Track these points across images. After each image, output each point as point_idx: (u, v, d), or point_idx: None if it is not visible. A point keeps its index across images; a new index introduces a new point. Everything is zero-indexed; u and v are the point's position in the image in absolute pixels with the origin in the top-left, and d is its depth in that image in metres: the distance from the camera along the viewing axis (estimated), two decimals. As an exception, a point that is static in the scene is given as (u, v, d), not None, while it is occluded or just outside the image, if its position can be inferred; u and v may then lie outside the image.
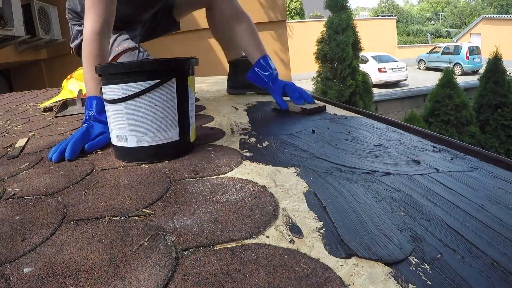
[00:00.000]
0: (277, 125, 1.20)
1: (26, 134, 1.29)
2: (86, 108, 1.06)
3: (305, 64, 11.78)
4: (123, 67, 0.84)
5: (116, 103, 0.83)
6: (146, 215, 0.60)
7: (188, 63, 0.87)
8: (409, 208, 0.59)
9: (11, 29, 3.17)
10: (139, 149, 0.85)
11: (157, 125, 0.84)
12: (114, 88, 0.83)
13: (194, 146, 0.95)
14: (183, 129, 0.89)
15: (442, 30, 27.38)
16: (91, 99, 1.06)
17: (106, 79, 0.86)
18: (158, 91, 0.82)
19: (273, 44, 4.71)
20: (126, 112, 0.83)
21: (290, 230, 0.53)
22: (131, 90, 0.81)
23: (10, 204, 0.68)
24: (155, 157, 0.86)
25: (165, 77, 0.82)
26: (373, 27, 17.57)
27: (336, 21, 6.52)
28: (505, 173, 0.74)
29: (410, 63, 16.82)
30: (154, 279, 0.44)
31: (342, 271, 0.44)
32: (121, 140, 0.86)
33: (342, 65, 6.48)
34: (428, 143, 0.96)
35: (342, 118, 1.23)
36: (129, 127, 0.84)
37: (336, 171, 0.75)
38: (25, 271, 0.47)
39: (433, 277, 0.42)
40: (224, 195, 0.65)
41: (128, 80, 0.81)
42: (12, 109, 2.01)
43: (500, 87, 6.20)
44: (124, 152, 0.88)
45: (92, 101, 1.06)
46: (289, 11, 19.84)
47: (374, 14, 31.22)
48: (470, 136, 5.99)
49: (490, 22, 17.57)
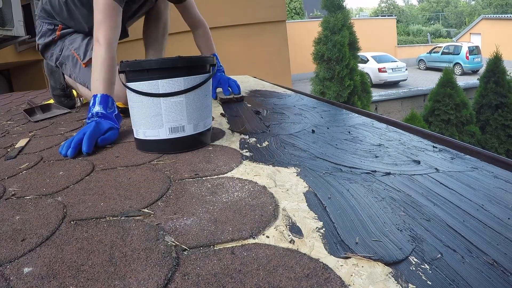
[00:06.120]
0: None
1: (26, 135, 1.29)
2: (91, 106, 1.09)
3: (305, 64, 11.79)
4: (186, 61, 0.92)
5: (175, 96, 0.90)
6: (146, 215, 0.60)
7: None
8: (409, 208, 0.59)
9: (11, 29, 3.17)
10: (195, 135, 0.95)
11: (207, 112, 0.98)
12: (174, 82, 0.90)
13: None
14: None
15: (442, 30, 27.38)
16: (100, 97, 1.09)
17: (160, 75, 0.89)
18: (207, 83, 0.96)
19: (273, 44, 4.70)
20: (186, 103, 0.92)
21: (290, 230, 0.53)
22: (192, 83, 0.91)
23: (10, 204, 0.68)
24: (200, 143, 0.97)
25: (212, 69, 0.99)
26: (373, 27, 17.56)
27: (332, 21, 6.51)
28: (505, 173, 0.75)
29: (410, 63, 16.81)
30: (154, 279, 0.44)
31: (342, 271, 0.44)
32: (176, 131, 0.92)
33: (339, 65, 6.47)
34: (428, 143, 0.96)
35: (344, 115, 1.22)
36: (188, 116, 0.93)
37: (336, 171, 0.75)
38: (25, 271, 0.47)
39: (433, 277, 0.42)
40: (224, 195, 0.65)
41: (189, 73, 0.91)
42: (12, 109, 2.01)
43: (500, 87, 6.19)
44: (178, 142, 0.94)
45: (100, 99, 1.09)
46: (289, 11, 19.83)
47: (374, 14, 31.22)
48: (470, 135, 5.99)
49: (490, 22, 17.57)
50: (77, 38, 1.55)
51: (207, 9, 1.67)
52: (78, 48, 1.52)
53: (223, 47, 4.42)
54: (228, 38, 4.31)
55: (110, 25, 1.18)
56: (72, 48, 1.54)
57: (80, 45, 1.52)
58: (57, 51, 1.58)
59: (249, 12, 4.45)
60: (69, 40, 1.56)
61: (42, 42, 1.60)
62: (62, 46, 1.57)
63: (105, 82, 1.12)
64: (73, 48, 1.53)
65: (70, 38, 1.56)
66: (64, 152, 0.95)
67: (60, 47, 1.58)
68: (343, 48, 6.44)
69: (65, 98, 1.75)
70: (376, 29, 17.77)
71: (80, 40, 1.54)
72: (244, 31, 4.47)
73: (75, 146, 0.95)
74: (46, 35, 1.59)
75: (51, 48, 1.61)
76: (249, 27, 4.51)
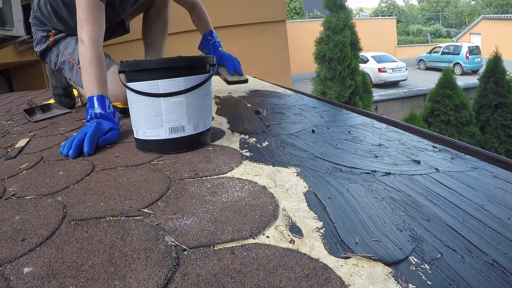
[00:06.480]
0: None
1: (26, 135, 1.29)
2: (89, 108, 1.08)
3: (305, 64, 11.79)
4: (186, 61, 0.92)
5: (175, 96, 0.90)
6: (146, 215, 0.60)
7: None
8: (409, 208, 0.59)
9: (11, 29, 3.16)
10: (195, 135, 0.95)
11: (207, 112, 0.98)
12: (174, 82, 0.90)
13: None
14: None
15: (442, 30, 27.37)
16: (97, 98, 1.08)
17: (160, 75, 0.89)
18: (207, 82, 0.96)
19: (273, 44, 4.70)
20: (186, 103, 0.91)
21: (290, 230, 0.53)
22: (192, 83, 0.91)
23: (10, 204, 0.68)
24: (199, 143, 0.96)
25: (212, 70, 0.99)
26: (373, 27, 17.56)
27: (334, 21, 6.51)
28: (505, 173, 0.75)
29: (410, 63, 16.80)
30: (154, 279, 0.44)
31: (342, 271, 0.44)
32: (176, 131, 0.92)
33: (341, 65, 6.47)
34: (428, 143, 0.96)
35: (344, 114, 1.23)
36: (188, 116, 0.92)
37: (336, 171, 0.75)
38: (25, 271, 0.47)
39: (433, 277, 0.42)
40: (224, 195, 0.65)
41: (189, 73, 0.91)
42: (12, 109, 2.01)
43: (500, 87, 6.19)
44: (178, 142, 0.94)
45: (97, 100, 1.08)
46: (289, 11, 19.82)
47: (374, 14, 31.20)
48: (469, 136, 5.99)
49: (490, 22, 17.56)
50: (71, 42, 1.54)
51: (207, 9, 1.66)
52: (72, 52, 1.52)
53: (223, 47, 4.43)
54: (228, 38, 4.30)
55: (94, 23, 1.15)
56: (66, 53, 1.53)
57: (74, 49, 1.52)
58: (54, 58, 1.59)
59: (249, 12, 4.45)
60: (63, 45, 1.55)
61: (38, 50, 1.61)
62: (57, 52, 1.57)
63: (97, 83, 1.11)
64: (68, 53, 1.53)
65: (64, 43, 1.56)
66: (65, 152, 0.95)
67: (55, 53, 1.58)
68: (345, 48, 6.44)
69: (65, 98, 1.76)
70: (376, 29, 17.77)
71: (74, 44, 1.53)
72: (244, 31, 4.47)
73: (76, 146, 0.95)
74: (42, 42, 1.60)
75: (48, 55, 1.61)
76: (249, 27, 4.51)
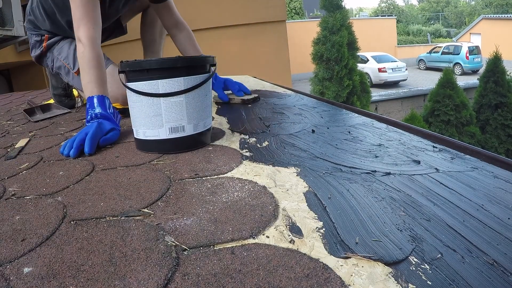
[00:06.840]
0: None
1: (26, 135, 1.29)
2: (89, 108, 1.07)
3: (305, 64, 11.79)
4: (186, 61, 0.93)
5: (175, 96, 0.90)
6: (146, 215, 0.60)
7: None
8: (409, 208, 0.59)
9: (11, 29, 3.16)
10: (195, 135, 0.95)
11: (207, 112, 0.98)
12: (174, 82, 0.90)
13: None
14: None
15: (442, 30, 27.36)
16: (97, 98, 1.08)
17: (160, 75, 0.89)
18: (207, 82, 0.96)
19: (273, 44, 4.70)
20: (186, 103, 0.91)
21: (290, 230, 0.53)
22: (192, 83, 0.91)
23: (10, 204, 0.68)
24: (199, 143, 0.96)
25: (213, 70, 0.99)
26: (373, 27, 17.56)
27: (331, 21, 6.51)
28: (505, 173, 0.75)
29: (410, 63, 16.80)
30: (154, 279, 0.44)
31: (342, 271, 0.44)
32: (176, 131, 0.92)
33: (338, 65, 6.47)
34: (428, 143, 0.96)
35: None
36: (188, 116, 0.92)
37: (336, 171, 0.75)
38: (25, 271, 0.47)
39: (433, 277, 0.42)
40: (224, 195, 0.65)
41: (189, 73, 0.91)
42: (12, 109, 2.01)
43: (500, 87, 6.20)
44: (178, 142, 0.94)
45: (97, 100, 1.08)
46: (289, 11, 19.83)
47: (374, 14, 31.21)
48: (470, 136, 5.99)
49: (490, 22, 17.56)
50: (64, 46, 1.52)
51: (207, 9, 1.66)
52: (66, 57, 1.50)
53: (223, 47, 4.43)
54: (228, 38, 4.31)
55: (89, 21, 1.13)
56: (61, 59, 1.52)
57: (68, 54, 1.50)
58: (49, 63, 1.57)
59: (249, 12, 4.45)
60: (57, 50, 1.54)
61: (34, 55, 1.59)
62: (52, 57, 1.56)
63: (97, 83, 1.10)
64: (62, 58, 1.51)
65: (58, 47, 1.54)
66: (66, 152, 0.95)
67: (51, 59, 1.56)
68: (342, 48, 6.44)
69: (65, 98, 1.75)
70: (376, 29, 17.77)
71: (67, 47, 1.51)
72: (244, 31, 4.47)
73: (77, 146, 0.95)
74: (36, 47, 1.57)
75: (44, 60, 1.59)
76: (249, 27, 4.50)
